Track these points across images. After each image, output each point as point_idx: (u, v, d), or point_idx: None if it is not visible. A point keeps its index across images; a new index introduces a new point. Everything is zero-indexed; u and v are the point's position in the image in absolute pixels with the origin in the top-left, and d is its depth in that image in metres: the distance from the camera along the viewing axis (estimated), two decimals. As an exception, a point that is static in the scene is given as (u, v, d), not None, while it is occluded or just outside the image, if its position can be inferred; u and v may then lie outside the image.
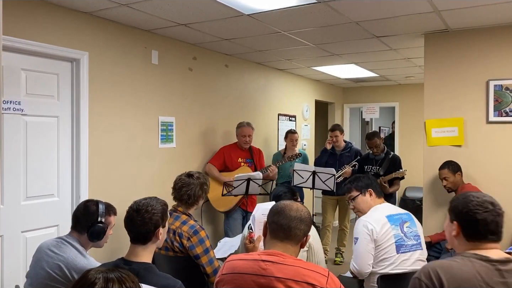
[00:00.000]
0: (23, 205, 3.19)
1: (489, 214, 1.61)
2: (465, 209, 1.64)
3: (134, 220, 1.94)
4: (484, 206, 1.62)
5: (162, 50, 4.26)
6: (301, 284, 1.64)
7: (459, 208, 1.66)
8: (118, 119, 3.81)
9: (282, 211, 1.84)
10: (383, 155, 5.04)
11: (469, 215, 1.63)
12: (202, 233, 2.70)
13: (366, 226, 2.65)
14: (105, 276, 1.25)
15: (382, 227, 2.63)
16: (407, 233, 2.68)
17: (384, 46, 4.68)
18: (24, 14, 3.10)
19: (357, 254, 2.67)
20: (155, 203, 2.00)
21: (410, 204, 7.13)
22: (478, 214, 1.61)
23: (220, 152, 4.81)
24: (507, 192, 3.84)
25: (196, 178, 2.93)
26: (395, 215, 2.74)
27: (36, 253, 2.24)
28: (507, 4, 3.31)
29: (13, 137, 3.11)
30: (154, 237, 1.96)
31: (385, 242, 2.61)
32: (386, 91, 7.84)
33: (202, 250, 2.66)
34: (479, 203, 1.63)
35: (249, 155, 4.90)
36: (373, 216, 2.72)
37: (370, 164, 5.11)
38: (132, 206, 2.01)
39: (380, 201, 2.85)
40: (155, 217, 1.96)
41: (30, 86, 3.21)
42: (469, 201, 1.65)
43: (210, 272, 2.68)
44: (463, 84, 4.06)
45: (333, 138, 5.36)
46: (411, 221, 2.76)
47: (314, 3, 3.25)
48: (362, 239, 2.64)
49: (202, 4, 3.29)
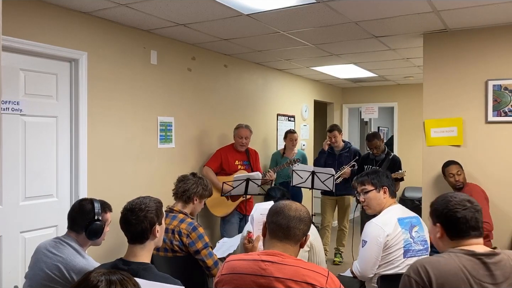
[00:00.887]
0: (21, 206, 3.18)
1: (468, 211, 1.68)
2: (445, 210, 1.71)
3: (129, 220, 1.93)
4: (462, 204, 1.70)
5: (161, 50, 4.25)
6: (301, 284, 1.64)
7: (440, 210, 1.74)
8: (117, 119, 3.81)
9: (281, 211, 1.84)
10: (383, 155, 5.03)
11: (449, 214, 1.70)
12: (201, 229, 2.76)
13: (378, 231, 2.55)
14: (108, 279, 1.24)
15: (394, 231, 2.56)
16: (415, 238, 2.62)
17: (383, 46, 4.69)
18: (23, 14, 3.09)
19: (363, 258, 2.62)
20: (148, 201, 1.99)
21: (409, 204, 7.12)
22: (458, 212, 1.68)
23: (217, 155, 4.74)
24: (507, 192, 3.85)
25: (197, 177, 3.02)
26: (405, 219, 2.67)
27: (35, 254, 2.23)
28: (506, 4, 3.32)
29: (11, 137, 3.11)
30: (151, 235, 1.96)
31: (394, 246, 2.56)
32: (385, 91, 7.85)
33: (202, 245, 2.72)
34: (457, 202, 1.70)
35: (246, 157, 4.85)
36: (385, 219, 2.63)
37: (370, 164, 5.10)
38: (125, 206, 2.00)
39: (392, 201, 2.74)
40: (150, 215, 1.95)
41: (29, 86, 3.20)
42: (447, 201, 1.73)
43: (211, 264, 2.73)
44: (462, 84, 4.06)
45: (332, 138, 5.35)
46: (420, 226, 2.70)
47: (313, 3, 3.25)
48: (372, 244, 2.57)
49: (201, 4, 3.29)
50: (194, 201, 2.96)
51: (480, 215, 1.70)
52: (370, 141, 5.01)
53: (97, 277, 1.24)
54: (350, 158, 5.27)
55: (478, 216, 1.69)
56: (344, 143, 5.43)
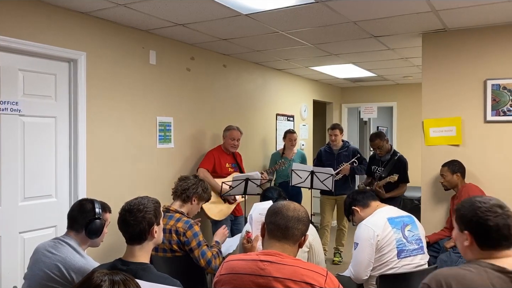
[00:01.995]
0: (20, 206, 3.18)
1: (500, 218, 1.54)
2: (475, 217, 1.56)
3: (127, 221, 1.93)
4: (493, 210, 1.55)
5: (160, 50, 4.25)
6: (300, 284, 1.64)
7: (468, 217, 1.58)
8: (116, 119, 3.81)
9: (279, 211, 1.84)
10: (388, 156, 4.92)
11: (480, 222, 1.55)
12: (196, 228, 2.78)
13: (369, 232, 2.60)
14: (111, 279, 1.24)
15: (384, 231, 2.59)
16: (408, 238, 2.64)
17: (382, 46, 4.69)
18: (21, 15, 3.09)
19: (356, 261, 2.63)
20: (146, 202, 1.99)
21: (409, 203, 7.13)
22: (489, 220, 1.53)
23: (210, 156, 4.59)
24: (506, 192, 3.85)
25: (199, 179, 3.05)
26: (396, 218, 2.69)
27: (33, 255, 2.23)
28: (504, 4, 3.32)
29: (10, 137, 3.10)
30: (149, 236, 1.96)
31: (386, 247, 2.58)
32: (384, 91, 7.85)
33: (196, 244, 2.73)
34: (488, 209, 1.55)
35: (234, 159, 4.76)
36: (374, 220, 2.67)
37: (376, 164, 5.05)
38: (124, 207, 2.00)
39: (373, 208, 2.79)
40: (148, 215, 1.95)
41: (28, 86, 3.20)
42: (476, 207, 1.57)
43: (204, 264, 2.73)
44: (460, 83, 4.06)
45: (332, 136, 5.37)
46: (413, 224, 2.72)
47: (312, 3, 3.25)
48: (363, 246, 2.60)
49: (200, 4, 3.29)
50: (192, 201, 2.97)
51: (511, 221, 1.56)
52: (372, 141, 4.93)
53: (100, 277, 1.24)
54: (349, 157, 5.28)
55: (510, 223, 1.54)
56: (343, 142, 5.45)
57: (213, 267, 2.72)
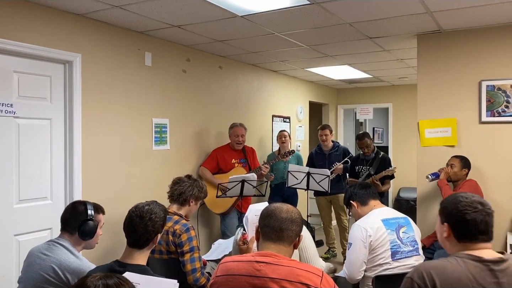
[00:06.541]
0: (15, 208, 3.16)
1: (479, 214, 1.62)
2: (454, 210, 1.65)
3: (137, 227, 1.95)
4: (473, 206, 1.63)
5: (155, 51, 4.25)
6: (295, 284, 1.64)
7: (449, 210, 1.67)
8: (111, 121, 3.80)
9: (272, 213, 1.85)
10: (373, 155, 5.09)
11: (458, 215, 1.63)
12: (192, 232, 2.74)
13: (362, 232, 2.62)
14: (105, 283, 1.24)
15: (377, 232, 2.60)
16: (403, 239, 2.65)
17: (377, 47, 4.70)
18: (16, 16, 3.08)
19: (349, 261, 2.65)
20: (158, 210, 2.02)
21: (404, 204, 7.16)
22: (468, 215, 1.62)
23: (213, 155, 4.78)
24: (500, 192, 3.87)
25: (192, 180, 3.03)
26: (391, 219, 2.70)
27: (28, 258, 2.22)
28: (499, 5, 3.34)
29: (5, 139, 3.09)
30: (151, 243, 1.99)
31: (380, 248, 2.59)
32: (380, 92, 7.87)
33: (188, 248, 2.69)
34: (468, 203, 1.64)
35: (243, 155, 4.89)
36: (368, 220, 2.69)
37: (361, 164, 5.14)
38: (134, 211, 2.00)
39: (370, 207, 2.82)
40: (157, 225, 2.00)
41: (23, 88, 3.19)
42: (458, 202, 1.66)
43: (189, 270, 2.66)
44: (455, 84, 4.08)
45: (323, 136, 5.43)
46: (408, 226, 2.73)
47: (307, 4, 3.26)
48: (356, 246, 2.61)
49: (196, 6, 3.29)
50: (190, 203, 2.96)
51: (491, 219, 1.64)
52: (361, 139, 5.06)
53: (94, 282, 1.24)
54: (339, 157, 5.34)
55: (489, 220, 1.62)
56: (333, 143, 5.51)
57: (195, 278, 2.63)
